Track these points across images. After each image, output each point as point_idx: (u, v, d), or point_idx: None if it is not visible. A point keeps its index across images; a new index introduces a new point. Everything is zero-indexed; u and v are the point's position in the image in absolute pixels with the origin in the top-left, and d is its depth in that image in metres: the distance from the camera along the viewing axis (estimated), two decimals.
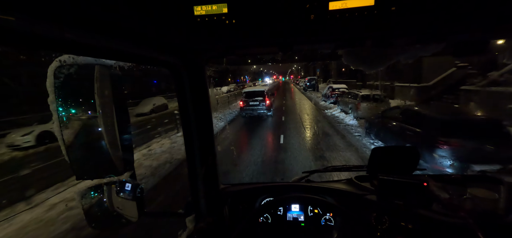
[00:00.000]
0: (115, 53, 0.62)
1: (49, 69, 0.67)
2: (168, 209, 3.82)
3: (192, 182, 1.11)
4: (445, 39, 0.68)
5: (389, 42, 0.72)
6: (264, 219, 1.23)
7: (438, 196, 1.11)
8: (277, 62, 46.74)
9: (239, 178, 5.05)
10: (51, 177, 5.61)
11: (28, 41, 0.42)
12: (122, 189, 0.93)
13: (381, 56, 0.92)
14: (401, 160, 1.12)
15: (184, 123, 1.04)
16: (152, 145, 7.64)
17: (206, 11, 0.58)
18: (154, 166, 5.89)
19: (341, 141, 7.39)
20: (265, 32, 0.67)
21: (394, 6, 0.56)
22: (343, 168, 1.52)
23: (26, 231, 3.58)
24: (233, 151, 6.72)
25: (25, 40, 0.41)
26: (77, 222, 3.67)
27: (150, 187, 4.88)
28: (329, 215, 1.19)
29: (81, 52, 0.57)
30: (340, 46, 0.76)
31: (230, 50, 0.82)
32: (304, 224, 1.21)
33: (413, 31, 0.66)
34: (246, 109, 11.44)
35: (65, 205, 4.15)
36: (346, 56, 0.96)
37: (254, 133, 9.03)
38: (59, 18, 0.44)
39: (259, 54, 1.00)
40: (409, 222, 1.02)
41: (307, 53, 29.68)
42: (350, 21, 0.60)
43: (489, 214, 0.97)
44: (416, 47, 0.75)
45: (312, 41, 0.72)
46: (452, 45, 0.77)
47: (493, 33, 0.74)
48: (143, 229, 3.31)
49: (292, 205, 1.23)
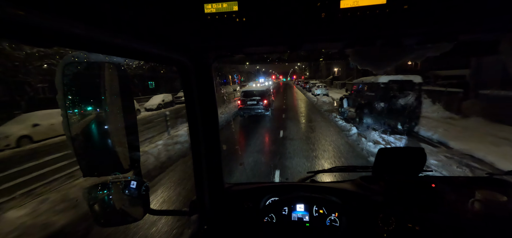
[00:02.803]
0: (125, 50, 0.62)
1: (59, 65, 0.68)
2: (173, 208, 3.83)
3: (197, 181, 1.11)
4: (457, 39, 0.67)
5: (399, 41, 0.71)
6: (269, 219, 1.23)
7: (446, 197, 1.10)
8: (278, 62, 42.89)
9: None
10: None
11: (37, 36, 0.42)
12: (127, 186, 0.94)
13: (389, 56, 0.91)
14: (408, 161, 1.11)
15: (190, 121, 1.04)
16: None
17: (217, 8, 0.58)
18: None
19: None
20: (275, 31, 0.66)
21: (406, 4, 0.55)
22: (349, 169, 1.51)
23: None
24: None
25: (35, 35, 0.41)
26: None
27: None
28: (334, 215, 1.18)
29: (90, 48, 0.57)
30: (350, 45, 0.76)
31: (239, 49, 0.82)
32: (309, 225, 1.20)
33: (425, 30, 0.65)
34: (244, 109, 11.60)
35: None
36: (354, 56, 0.95)
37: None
38: (68, 13, 0.44)
39: (268, 53, 1.00)
40: (416, 224, 1.01)
41: (311, 53, 29.06)
42: (361, 20, 0.60)
43: (497, 217, 0.95)
44: (427, 46, 0.74)
45: (322, 39, 0.72)
46: (463, 45, 0.76)
47: (504, 33, 0.73)
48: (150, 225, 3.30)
49: (297, 205, 1.23)
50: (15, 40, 0.41)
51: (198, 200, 1.13)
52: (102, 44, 0.54)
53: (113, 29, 0.54)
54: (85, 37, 0.48)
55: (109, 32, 0.53)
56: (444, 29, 0.64)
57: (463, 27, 0.63)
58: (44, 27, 0.41)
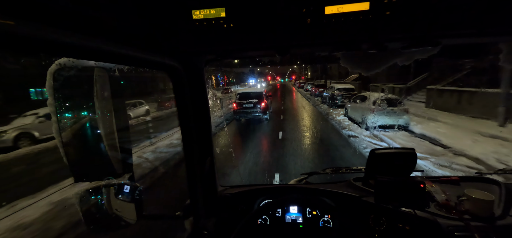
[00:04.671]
0: (114, 56, 0.62)
1: (49, 71, 0.68)
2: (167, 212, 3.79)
3: (191, 184, 1.11)
4: (439, 43, 0.69)
5: (384, 46, 0.73)
6: (263, 221, 1.24)
7: (435, 197, 1.12)
8: (270, 65, 39.90)
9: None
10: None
11: (28, 45, 0.42)
12: (120, 191, 0.94)
13: (378, 59, 0.93)
14: (399, 162, 1.13)
15: (182, 125, 1.05)
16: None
17: (205, 15, 0.59)
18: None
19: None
20: (262, 36, 0.68)
21: (388, 11, 0.57)
22: (342, 170, 1.53)
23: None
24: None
25: (26, 44, 0.41)
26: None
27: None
28: (328, 216, 1.19)
29: (80, 55, 0.57)
30: (337, 49, 0.77)
31: (228, 53, 0.83)
32: (303, 226, 1.21)
33: (407, 35, 0.67)
34: (240, 113, 10.64)
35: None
36: (344, 59, 0.97)
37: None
38: (58, 21, 0.44)
39: (257, 57, 1.01)
40: (406, 223, 1.03)
41: (305, 55, 28.41)
42: (345, 25, 0.61)
43: (486, 215, 0.97)
44: (413, 50, 0.76)
45: (308, 44, 0.73)
46: (448, 48, 0.78)
47: (485, 37, 0.76)
48: (142, 231, 3.26)
49: (291, 207, 1.23)
50: (6, 50, 0.41)
51: (192, 204, 1.13)
52: (93, 51, 0.55)
53: (103, 35, 0.55)
54: (75, 45, 0.49)
55: (99, 38, 0.54)
56: (425, 34, 0.66)
57: (443, 32, 0.65)
58: (35, 35, 0.41)
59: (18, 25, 0.38)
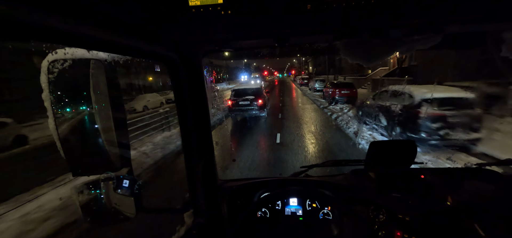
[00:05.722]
0: (110, 45, 0.60)
1: (43, 64, 0.66)
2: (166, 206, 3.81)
3: (190, 178, 1.11)
4: (442, 30, 0.68)
5: (386, 33, 0.71)
6: (263, 214, 1.24)
7: (435, 188, 1.12)
8: (268, 57, 38.72)
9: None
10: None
11: (22, 32, 0.41)
12: (119, 185, 0.93)
13: (378, 50, 0.92)
14: (399, 153, 1.12)
15: (181, 118, 1.03)
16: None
17: (201, 1, 0.58)
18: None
19: None
20: (261, 23, 0.66)
21: None
22: (342, 162, 1.53)
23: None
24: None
25: (19, 30, 0.40)
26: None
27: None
28: (327, 209, 1.19)
29: (75, 43, 0.56)
30: (337, 37, 0.76)
31: (227, 43, 0.81)
32: (303, 219, 1.21)
33: (410, 22, 0.65)
34: (236, 111, 10.05)
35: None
36: (344, 50, 0.96)
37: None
38: (53, 8, 0.43)
39: (256, 47, 0.99)
40: (406, 215, 1.03)
41: (305, 47, 28.06)
42: (347, 11, 0.60)
43: (485, 206, 0.98)
44: (415, 39, 0.74)
45: (308, 32, 0.71)
46: (449, 38, 0.77)
47: (488, 25, 0.74)
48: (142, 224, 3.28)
49: (290, 200, 1.24)
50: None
51: (191, 197, 1.13)
52: (87, 39, 0.53)
53: (98, 24, 0.53)
54: (70, 32, 0.47)
55: (95, 26, 0.52)
56: (428, 20, 0.64)
57: (447, 18, 0.63)
58: (29, 22, 0.40)
59: (9, 11, 0.37)
